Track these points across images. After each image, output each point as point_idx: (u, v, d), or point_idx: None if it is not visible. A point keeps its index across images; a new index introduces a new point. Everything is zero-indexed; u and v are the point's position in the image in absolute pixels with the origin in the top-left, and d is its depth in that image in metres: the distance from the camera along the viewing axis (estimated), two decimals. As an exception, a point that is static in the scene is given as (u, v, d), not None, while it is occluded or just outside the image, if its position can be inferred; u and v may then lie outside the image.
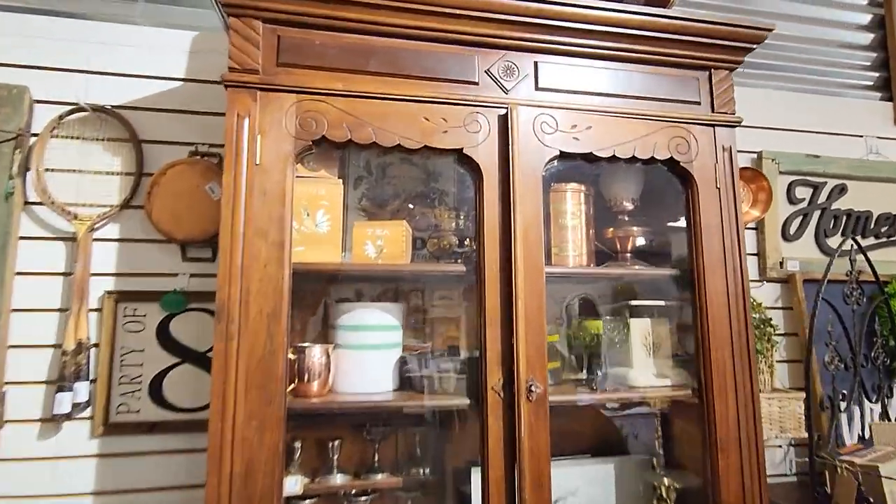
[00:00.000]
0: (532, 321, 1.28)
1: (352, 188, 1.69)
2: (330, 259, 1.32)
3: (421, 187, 1.75)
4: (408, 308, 1.60)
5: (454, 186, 1.75)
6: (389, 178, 1.74)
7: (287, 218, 1.21)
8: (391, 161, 1.74)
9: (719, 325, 1.42)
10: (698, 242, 1.45)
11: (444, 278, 1.57)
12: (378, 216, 1.67)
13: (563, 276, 1.55)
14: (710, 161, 1.48)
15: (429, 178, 1.76)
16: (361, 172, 1.71)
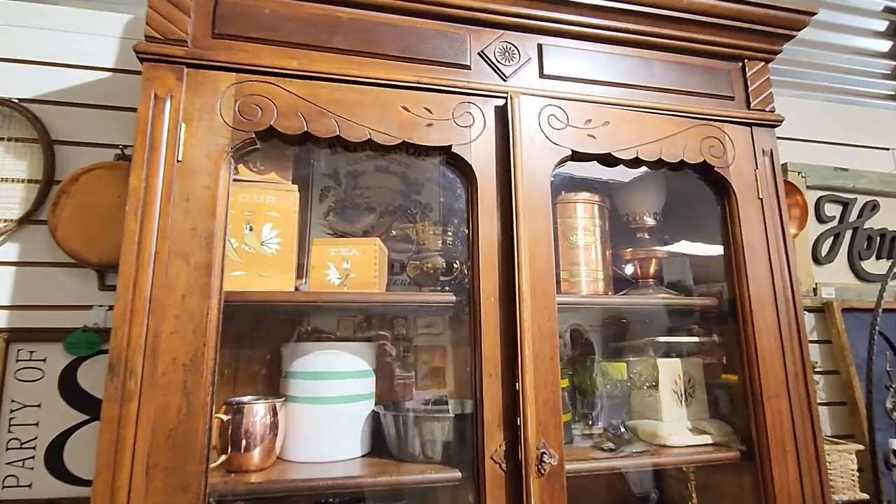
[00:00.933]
0: (542, 369, 0.98)
1: (316, 200, 1.40)
2: (279, 287, 1.01)
3: (400, 200, 1.47)
4: (383, 349, 1.29)
5: (440, 199, 1.47)
6: (362, 188, 1.45)
7: (218, 233, 0.91)
8: (365, 168, 1.46)
9: (772, 369, 1.13)
10: (740, 266, 1.18)
11: (428, 311, 1.27)
12: (348, 233, 1.37)
13: (574, 308, 1.25)
14: (749, 167, 1.23)
15: (410, 189, 1.48)
16: (328, 181, 1.42)
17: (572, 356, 1.37)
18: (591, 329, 1.43)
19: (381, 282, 1.10)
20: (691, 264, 1.38)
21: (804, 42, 2.04)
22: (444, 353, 1.35)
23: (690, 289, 1.36)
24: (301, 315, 1.23)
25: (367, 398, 1.16)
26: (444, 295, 1.07)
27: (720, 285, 1.29)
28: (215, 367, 0.88)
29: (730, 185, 1.20)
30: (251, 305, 1.00)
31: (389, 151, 1.04)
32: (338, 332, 1.31)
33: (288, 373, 1.11)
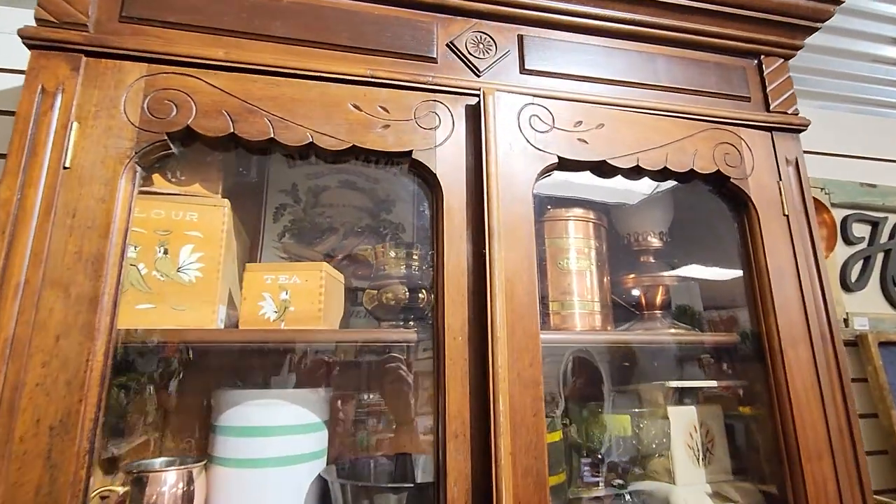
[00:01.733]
0: (523, 429, 0.78)
1: (270, 219, 1.22)
2: (197, 322, 0.82)
3: (368, 219, 1.28)
4: (340, 395, 1.09)
5: (414, 219, 1.29)
6: (325, 205, 1.27)
7: (112, 257, 0.73)
8: (328, 184, 1.28)
9: (811, 422, 0.92)
10: (765, 295, 0.98)
11: (391, 350, 1.07)
12: (304, 257, 1.19)
13: (565, 346, 1.05)
14: (771, 178, 1.04)
15: (379, 208, 1.30)
16: (285, 198, 1.25)
17: (571, 391, 1.16)
18: (618, 376, 1.21)
19: (329, 315, 0.91)
20: (701, 288, 1.18)
21: (822, 49, 1.87)
22: (415, 400, 1.14)
23: (700, 315, 1.16)
24: (237, 355, 1.03)
25: (315, 458, 0.95)
26: (402, 332, 0.87)
27: (734, 311, 1.09)
28: (96, 429, 0.68)
29: (749, 200, 1.01)
30: (160, 346, 0.81)
31: (338, 159, 0.86)
32: (290, 372, 1.11)
33: (215, 427, 0.91)
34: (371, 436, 1.08)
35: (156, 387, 0.98)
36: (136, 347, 0.77)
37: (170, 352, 0.91)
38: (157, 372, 0.97)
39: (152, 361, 0.95)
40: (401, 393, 1.08)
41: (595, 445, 0.99)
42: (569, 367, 1.22)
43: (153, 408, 1.00)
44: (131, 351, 0.80)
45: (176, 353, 0.94)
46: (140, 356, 0.87)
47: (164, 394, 0.99)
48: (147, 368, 0.95)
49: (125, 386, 0.93)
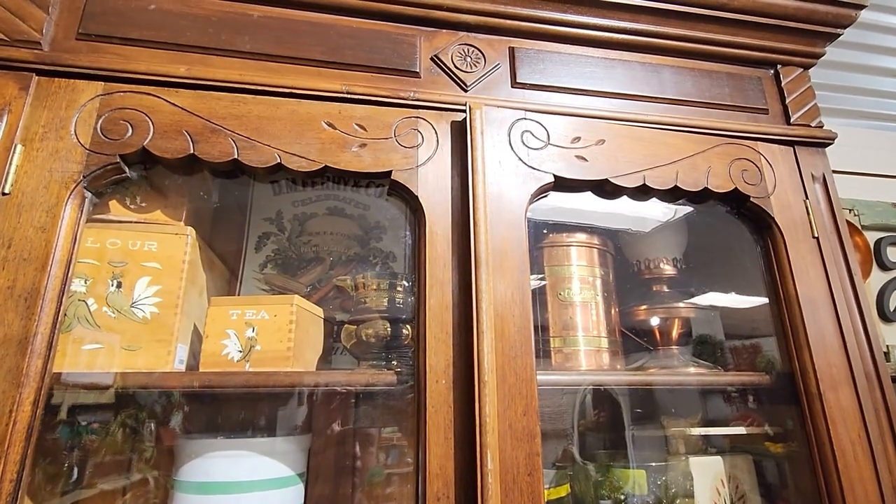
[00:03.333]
0: (516, 490, 0.66)
1: (252, 249, 1.15)
2: (150, 364, 0.73)
3: (357, 248, 1.20)
4: (322, 444, 0.98)
5: (406, 247, 1.20)
6: (311, 234, 1.19)
7: (50, 292, 0.65)
8: (314, 211, 1.21)
9: (859, 480, 0.78)
10: (797, 329, 0.86)
11: (376, 395, 0.96)
12: (288, 290, 1.10)
13: (568, 388, 0.93)
14: (797, 196, 0.93)
15: (369, 236, 1.22)
16: (269, 227, 1.17)
17: (587, 429, 1.03)
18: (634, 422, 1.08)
19: (301, 354, 0.81)
20: (721, 315, 1.06)
21: (841, 65, 1.78)
22: (406, 449, 1.03)
23: (721, 346, 1.04)
24: (208, 399, 0.94)
25: (289, 515, 0.84)
26: (380, 375, 0.77)
27: (757, 340, 0.97)
28: (17, 492, 0.59)
29: (773, 221, 0.90)
30: (107, 391, 0.72)
31: (310, 179, 0.79)
32: (259, 418, 1.01)
33: (173, 482, 0.81)
34: (361, 490, 0.96)
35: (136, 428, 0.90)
36: (77, 395, 0.69)
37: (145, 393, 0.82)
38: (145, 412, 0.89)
39: (137, 400, 0.87)
40: (399, 439, 0.96)
41: (605, 497, 0.86)
42: (586, 401, 1.10)
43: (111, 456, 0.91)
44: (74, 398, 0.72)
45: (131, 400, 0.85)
46: (85, 405, 0.78)
47: (144, 437, 0.90)
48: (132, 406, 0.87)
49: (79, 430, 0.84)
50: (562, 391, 1.03)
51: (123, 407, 0.84)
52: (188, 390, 0.76)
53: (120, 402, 0.85)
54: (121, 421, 0.83)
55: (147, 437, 0.87)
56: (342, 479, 0.99)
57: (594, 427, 1.08)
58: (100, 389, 0.70)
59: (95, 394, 0.73)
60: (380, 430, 0.97)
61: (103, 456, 0.85)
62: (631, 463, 0.86)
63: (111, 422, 0.84)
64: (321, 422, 0.97)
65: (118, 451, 0.85)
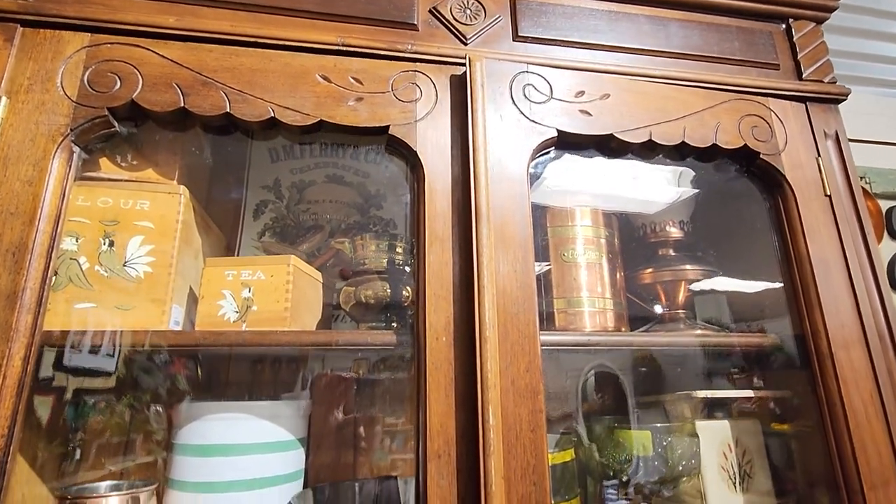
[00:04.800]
0: (519, 447, 0.65)
1: (250, 216, 1.13)
2: (144, 323, 0.72)
3: (357, 216, 1.18)
4: (321, 408, 0.97)
5: (407, 214, 1.18)
6: (310, 202, 1.17)
7: (38, 247, 0.63)
8: (313, 179, 1.18)
9: (872, 442, 0.76)
10: (809, 289, 0.83)
11: (375, 356, 0.95)
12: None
13: (573, 349, 0.91)
14: (809, 154, 0.90)
15: (369, 203, 1.20)
16: (267, 194, 1.15)
17: (592, 410, 1.02)
18: (639, 387, 1.06)
19: (299, 316, 0.80)
20: (729, 299, 1.03)
21: (851, 31, 1.73)
22: (406, 413, 1.02)
23: (729, 328, 1.02)
24: (197, 361, 0.92)
25: (289, 480, 0.83)
26: (379, 335, 0.75)
27: (762, 322, 0.94)
28: (9, 447, 0.58)
29: (784, 179, 0.88)
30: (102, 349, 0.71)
31: (304, 135, 0.76)
32: (259, 382, 1.00)
33: (172, 446, 0.80)
34: (362, 454, 0.95)
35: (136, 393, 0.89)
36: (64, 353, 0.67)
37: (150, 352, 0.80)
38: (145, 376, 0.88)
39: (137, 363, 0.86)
40: (398, 404, 0.95)
41: (612, 467, 0.85)
42: (589, 383, 1.08)
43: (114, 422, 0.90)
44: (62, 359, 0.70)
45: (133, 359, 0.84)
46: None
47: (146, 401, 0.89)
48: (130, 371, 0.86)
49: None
50: (566, 373, 1.02)
51: (116, 369, 0.83)
52: (185, 350, 0.74)
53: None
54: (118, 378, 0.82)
55: (144, 401, 0.86)
56: (343, 445, 0.98)
57: (598, 409, 1.06)
58: (93, 349, 0.69)
59: (90, 356, 0.72)
60: (380, 394, 0.96)
61: (101, 424, 0.84)
62: (633, 425, 0.84)
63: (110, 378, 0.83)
64: (321, 386, 0.96)
65: (114, 416, 0.84)
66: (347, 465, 0.99)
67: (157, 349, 0.74)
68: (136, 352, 0.78)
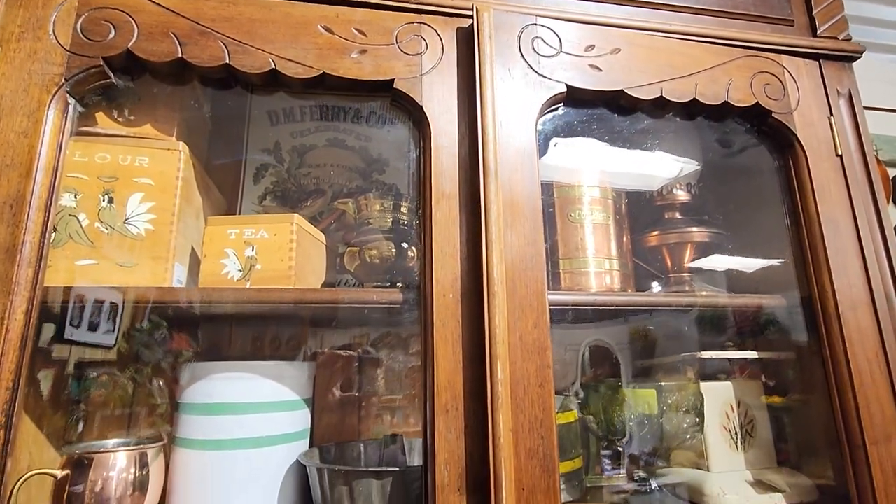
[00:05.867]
0: (527, 401, 0.65)
1: (250, 180, 1.11)
2: (147, 280, 0.71)
3: (359, 180, 1.16)
4: (326, 369, 0.97)
5: (409, 182, 1.16)
6: (311, 166, 1.15)
7: (37, 200, 0.62)
8: (314, 143, 1.16)
9: (876, 399, 0.77)
10: (817, 249, 0.83)
11: (378, 316, 0.94)
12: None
13: (577, 310, 0.90)
14: (821, 113, 0.88)
15: (371, 168, 1.18)
16: (267, 158, 1.13)
17: (587, 381, 1.02)
18: (643, 350, 1.07)
19: (304, 275, 0.79)
20: (727, 276, 1.03)
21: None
22: (413, 373, 1.02)
23: (725, 313, 1.00)
24: (200, 320, 0.92)
25: (295, 439, 0.84)
26: (385, 293, 0.74)
27: (760, 296, 0.94)
28: (14, 401, 0.57)
29: (795, 138, 0.86)
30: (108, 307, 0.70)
31: (307, 89, 0.74)
32: (262, 344, 1.00)
33: (178, 405, 0.80)
34: (369, 414, 0.96)
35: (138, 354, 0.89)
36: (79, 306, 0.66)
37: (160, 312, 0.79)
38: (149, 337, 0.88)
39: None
40: (405, 364, 0.95)
41: (616, 425, 0.85)
42: (585, 356, 1.08)
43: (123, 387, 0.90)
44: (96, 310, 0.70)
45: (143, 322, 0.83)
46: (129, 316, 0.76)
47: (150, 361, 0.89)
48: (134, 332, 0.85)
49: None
50: (565, 348, 1.01)
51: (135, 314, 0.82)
52: (188, 307, 0.73)
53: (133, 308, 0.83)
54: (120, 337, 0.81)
55: (146, 374, 0.86)
56: (348, 406, 0.98)
57: (596, 381, 1.05)
58: (96, 304, 0.68)
59: (89, 331, 0.71)
60: (380, 372, 0.96)
61: (104, 385, 0.84)
62: (636, 384, 0.85)
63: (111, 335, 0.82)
64: (320, 363, 0.96)
65: (117, 389, 0.84)
66: (352, 426, 1.00)
67: (160, 306, 0.72)
68: (139, 310, 0.77)
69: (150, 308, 0.75)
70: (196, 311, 0.75)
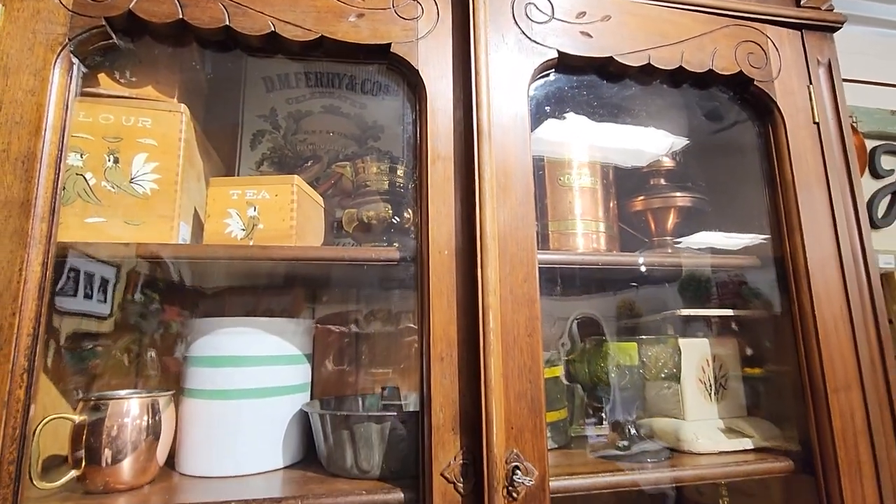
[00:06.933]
0: (516, 349, 0.69)
1: (247, 146, 1.13)
2: (154, 238, 0.74)
3: (355, 147, 1.19)
4: (326, 327, 1.02)
5: (404, 143, 1.19)
6: (307, 132, 1.17)
7: (46, 157, 0.64)
8: (310, 109, 1.18)
9: (838, 351, 0.83)
10: (791, 212, 0.87)
11: (374, 275, 0.98)
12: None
13: (567, 267, 0.95)
14: (801, 81, 0.92)
15: (366, 135, 1.20)
16: (263, 124, 1.15)
17: (578, 337, 1.07)
18: (625, 312, 1.12)
19: (304, 235, 0.82)
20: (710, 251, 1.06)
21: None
22: (399, 328, 1.07)
23: (708, 281, 1.04)
24: (205, 279, 0.95)
25: (297, 391, 0.88)
26: (383, 251, 0.78)
27: (744, 273, 0.99)
28: (34, 347, 0.61)
29: (775, 106, 0.90)
30: (116, 262, 0.73)
31: (305, 52, 0.76)
32: (265, 304, 1.03)
33: (186, 359, 0.84)
34: (366, 371, 1.01)
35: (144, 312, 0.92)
36: (82, 261, 0.69)
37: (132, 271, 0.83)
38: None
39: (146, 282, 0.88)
40: (389, 319, 1.00)
41: (600, 376, 0.91)
42: (574, 329, 1.13)
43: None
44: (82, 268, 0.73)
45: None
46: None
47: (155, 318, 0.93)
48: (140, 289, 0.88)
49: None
50: (554, 320, 1.05)
51: (128, 285, 0.86)
52: (194, 262, 0.77)
53: (126, 279, 0.86)
54: (122, 294, 0.84)
55: (143, 345, 0.90)
56: (346, 361, 1.03)
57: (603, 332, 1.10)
58: (106, 261, 0.71)
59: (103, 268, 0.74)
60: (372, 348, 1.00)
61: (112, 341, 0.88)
62: (619, 339, 0.90)
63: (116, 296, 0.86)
64: (324, 304, 1.00)
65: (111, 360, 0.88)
66: (350, 383, 1.05)
67: (167, 260, 0.76)
68: (144, 268, 0.80)
69: (151, 268, 0.78)
70: (192, 276, 0.78)
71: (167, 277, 0.90)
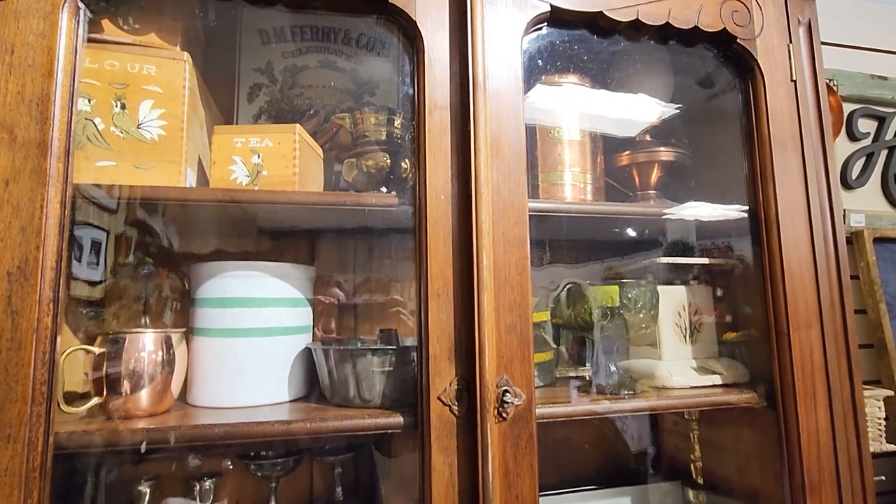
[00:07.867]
0: (507, 286, 0.75)
1: (244, 99, 1.15)
2: (162, 181, 0.77)
3: (350, 102, 1.21)
4: (326, 274, 1.07)
5: (399, 103, 1.21)
6: (303, 86, 1.19)
7: (59, 99, 0.66)
8: (306, 63, 1.19)
9: (802, 293, 0.90)
10: (766, 165, 0.93)
11: (372, 221, 1.02)
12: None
13: (555, 215, 0.99)
14: (781, 40, 0.96)
15: (362, 90, 1.22)
16: (260, 77, 1.16)
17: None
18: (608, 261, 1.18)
19: (305, 182, 0.86)
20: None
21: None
22: (397, 273, 1.13)
23: (692, 247, 1.10)
24: (211, 224, 0.99)
25: (300, 332, 0.94)
26: (381, 196, 0.83)
27: (729, 240, 1.05)
28: (58, 278, 0.65)
29: (756, 63, 0.94)
30: (126, 205, 0.77)
31: (305, 1, 0.78)
32: (268, 248, 1.08)
33: (194, 301, 0.89)
34: (354, 312, 1.07)
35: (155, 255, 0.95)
36: (96, 204, 0.73)
37: (136, 214, 0.86)
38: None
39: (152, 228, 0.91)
40: (387, 265, 1.06)
41: (584, 318, 0.97)
42: (563, 297, 1.19)
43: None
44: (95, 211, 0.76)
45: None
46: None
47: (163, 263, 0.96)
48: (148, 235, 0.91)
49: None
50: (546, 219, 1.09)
51: (138, 228, 0.89)
52: (196, 217, 0.80)
53: (136, 223, 0.90)
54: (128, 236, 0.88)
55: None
56: (345, 309, 1.09)
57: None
58: (119, 201, 0.75)
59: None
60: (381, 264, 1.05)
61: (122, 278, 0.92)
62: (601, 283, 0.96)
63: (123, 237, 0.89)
64: (324, 252, 1.05)
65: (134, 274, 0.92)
66: (348, 327, 1.11)
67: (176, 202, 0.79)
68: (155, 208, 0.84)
69: (164, 208, 0.82)
70: (189, 237, 0.82)
71: (159, 242, 0.94)
